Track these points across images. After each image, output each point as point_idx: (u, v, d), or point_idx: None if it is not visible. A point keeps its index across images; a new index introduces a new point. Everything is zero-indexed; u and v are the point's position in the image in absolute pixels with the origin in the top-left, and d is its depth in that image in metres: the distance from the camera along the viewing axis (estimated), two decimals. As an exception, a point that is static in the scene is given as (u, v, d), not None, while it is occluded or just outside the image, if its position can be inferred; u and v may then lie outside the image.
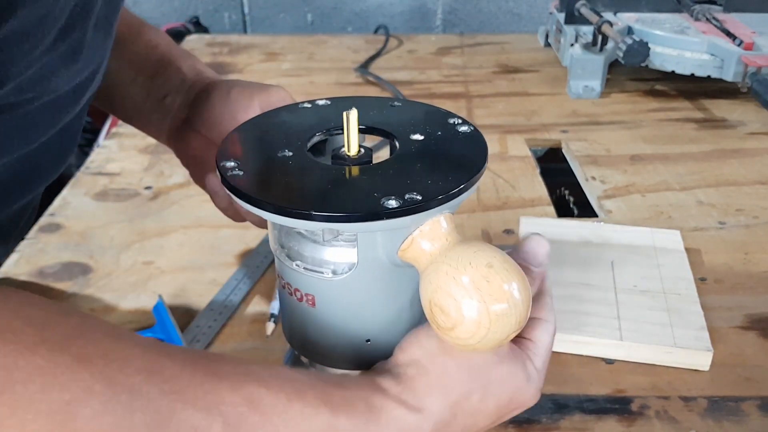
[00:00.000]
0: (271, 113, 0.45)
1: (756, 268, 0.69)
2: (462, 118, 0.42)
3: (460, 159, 0.38)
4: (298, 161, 0.38)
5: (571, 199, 0.92)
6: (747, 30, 1.07)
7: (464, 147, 0.39)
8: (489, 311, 0.32)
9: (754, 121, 1.03)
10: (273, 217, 0.34)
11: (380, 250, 0.36)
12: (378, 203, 0.33)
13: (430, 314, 0.34)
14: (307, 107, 0.45)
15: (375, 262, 0.36)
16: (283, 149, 0.39)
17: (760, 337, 0.60)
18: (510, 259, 0.34)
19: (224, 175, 0.36)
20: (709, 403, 0.53)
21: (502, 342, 0.34)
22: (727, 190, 0.84)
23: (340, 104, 0.45)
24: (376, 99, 0.47)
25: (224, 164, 0.37)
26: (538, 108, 1.08)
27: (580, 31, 1.14)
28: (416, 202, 0.34)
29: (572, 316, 0.59)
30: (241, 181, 0.36)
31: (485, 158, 0.38)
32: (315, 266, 0.37)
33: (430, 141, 0.40)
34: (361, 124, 0.38)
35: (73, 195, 0.85)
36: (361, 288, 0.37)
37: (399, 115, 0.43)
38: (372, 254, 0.36)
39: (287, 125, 0.43)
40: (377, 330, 0.39)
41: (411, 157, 0.38)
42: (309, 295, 0.38)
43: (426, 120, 0.43)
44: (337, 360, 0.40)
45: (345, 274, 0.37)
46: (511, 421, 0.52)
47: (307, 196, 0.35)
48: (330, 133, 0.42)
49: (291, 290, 0.39)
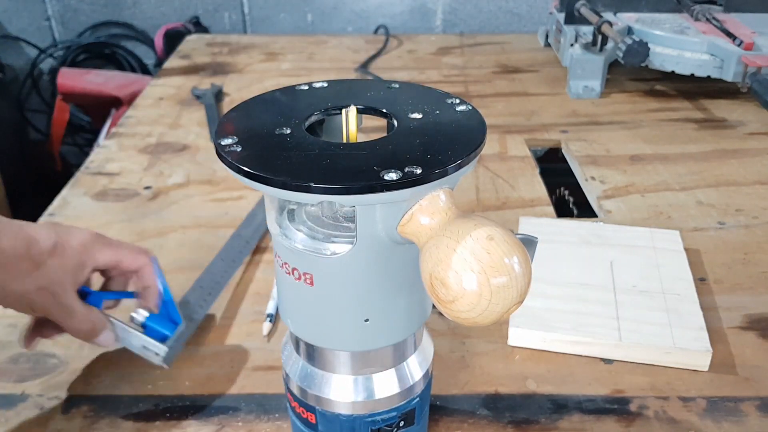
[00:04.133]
0: (267, 95, 0.45)
1: (755, 268, 0.69)
2: (460, 98, 0.43)
3: (459, 135, 0.38)
4: (296, 138, 0.38)
5: (570, 199, 0.92)
6: (747, 30, 1.07)
7: (463, 124, 0.40)
8: (490, 283, 0.32)
9: (753, 122, 1.03)
10: (272, 191, 0.34)
11: (379, 225, 0.36)
12: (377, 176, 0.33)
13: (431, 288, 0.34)
14: (304, 89, 0.45)
15: (374, 239, 0.36)
16: (281, 127, 0.39)
17: (759, 338, 0.60)
18: (510, 233, 0.34)
19: (222, 151, 0.36)
20: (708, 404, 0.53)
21: (502, 315, 0.34)
22: (727, 191, 0.84)
23: (337, 86, 0.45)
24: (373, 81, 0.47)
25: (221, 141, 0.37)
26: (537, 108, 1.08)
27: (580, 31, 1.14)
28: (415, 176, 0.34)
29: (571, 316, 0.59)
30: (239, 156, 0.36)
31: (484, 134, 0.38)
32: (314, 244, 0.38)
33: (428, 119, 0.40)
34: (359, 104, 0.38)
35: (72, 195, 0.85)
36: (360, 266, 0.37)
37: (397, 96, 0.44)
38: (371, 230, 0.36)
39: (285, 105, 0.43)
40: (376, 309, 0.39)
41: (410, 134, 0.39)
42: (307, 274, 0.38)
43: (424, 100, 0.43)
44: (335, 340, 0.40)
45: (344, 252, 0.37)
46: (510, 421, 0.52)
47: (305, 170, 0.35)
48: (327, 113, 0.42)
49: (289, 269, 0.39)
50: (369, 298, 0.39)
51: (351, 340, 0.40)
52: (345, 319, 0.39)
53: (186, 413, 0.53)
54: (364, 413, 0.41)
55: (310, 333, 0.41)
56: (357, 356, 0.41)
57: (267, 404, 0.54)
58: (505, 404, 0.54)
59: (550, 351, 0.58)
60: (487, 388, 0.55)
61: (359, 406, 0.41)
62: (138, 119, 1.08)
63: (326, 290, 0.38)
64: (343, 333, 0.40)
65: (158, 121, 1.07)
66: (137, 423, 0.52)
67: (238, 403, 0.54)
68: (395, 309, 0.40)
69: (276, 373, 0.57)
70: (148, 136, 1.01)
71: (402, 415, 0.43)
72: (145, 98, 1.16)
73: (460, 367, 0.57)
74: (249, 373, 0.57)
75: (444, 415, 0.53)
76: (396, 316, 0.39)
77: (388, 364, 0.42)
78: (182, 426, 0.52)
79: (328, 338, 0.40)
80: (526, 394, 0.54)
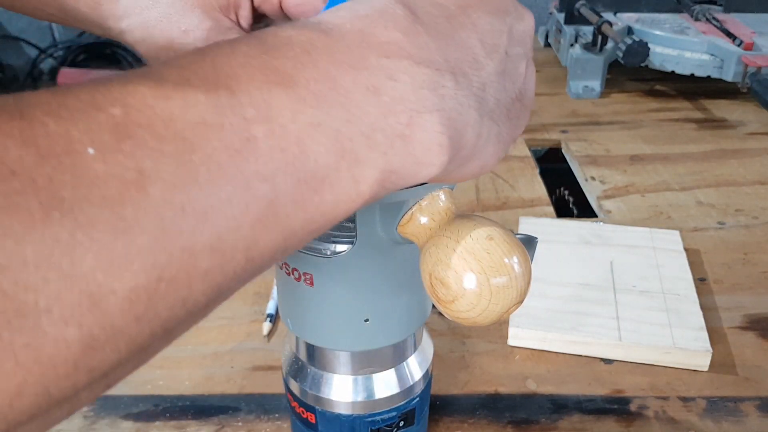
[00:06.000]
0: None
1: (755, 268, 0.69)
2: None
3: None
4: None
5: (570, 199, 0.92)
6: (747, 30, 1.07)
7: None
8: (489, 283, 0.32)
9: (753, 122, 1.03)
10: None
11: (379, 225, 0.36)
12: None
13: (430, 288, 0.34)
14: None
15: (374, 239, 0.37)
16: None
17: (759, 338, 0.60)
18: (510, 233, 0.34)
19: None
20: (708, 404, 0.53)
21: (502, 315, 0.34)
22: (727, 191, 0.84)
23: None
24: None
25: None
26: (537, 108, 1.08)
27: (579, 31, 1.14)
28: None
29: (571, 316, 0.59)
30: None
31: None
32: (313, 244, 0.38)
33: None
34: None
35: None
36: (360, 266, 0.38)
37: None
38: (371, 230, 0.36)
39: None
40: (376, 309, 0.39)
41: None
42: (307, 274, 0.38)
43: None
44: (335, 340, 0.40)
45: (343, 252, 0.37)
46: (510, 421, 0.52)
47: None
48: None
49: (289, 269, 0.39)
50: (369, 298, 0.39)
51: (351, 340, 0.40)
52: (345, 319, 0.39)
53: (186, 413, 0.53)
54: (363, 413, 0.41)
55: (310, 333, 0.41)
56: (357, 356, 0.41)
57: (267, 404, 0.54)
58: (504, 404, 0.54)
59: (550, 351, 0.58)
60: (487, 388, 0.55)
61: (359, 406, 0.41)
62: (138, 119, 1.07)
63: (326, 290, 0.38)
64: (342, 333, 0.40)
65: (158, 121, 1.06)
66: (137, 423, 0.52)
67: (238, 403, 0.54)
68: (395, 309, 0.40)
69: (276, 373, 0.56)
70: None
71: (402, 415, 0.43)
72: (144, 98, 1.16)
73: (460, 367, 0.57)
74: (249, 373, 0.57)
75: (444, 415, 0.53)
76: (396, 316, 0.39)
77: (388, 364, 0.42)
78: (182, 426, 0.52)
79: (328, 338, 0.40)
80: (526, 394, 0.54)
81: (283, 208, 0.21)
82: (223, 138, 0.20)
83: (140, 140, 0.18)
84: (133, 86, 0.19)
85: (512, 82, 0.30)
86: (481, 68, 0.28)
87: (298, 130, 0.22)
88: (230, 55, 0.22)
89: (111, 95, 0.19)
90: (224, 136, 0.20)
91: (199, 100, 0.20)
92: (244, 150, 0.20)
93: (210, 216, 0.19)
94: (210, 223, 0.19)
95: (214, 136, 0.20)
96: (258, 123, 0.21)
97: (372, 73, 0.24)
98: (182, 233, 0.19)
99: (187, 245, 0.19)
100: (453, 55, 0.27)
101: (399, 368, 0.42)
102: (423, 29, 0.26)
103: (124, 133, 0.18)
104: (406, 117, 0.24)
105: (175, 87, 0.20)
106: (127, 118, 0.18)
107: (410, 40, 0.25)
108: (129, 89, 0.19)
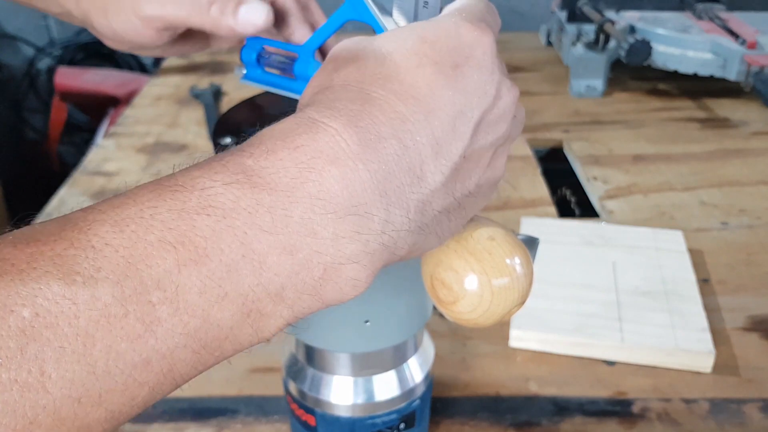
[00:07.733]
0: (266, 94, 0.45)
1: (759, 269, 0.69)
2: None
3: None
4: None
5: (572, 199, 0.91)
6: (750, 29, 1.06)
7: None
8: (491, 284, 0.32)
9: (757, 121, 1.02)
10: None
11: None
12: None
13: (432, 289, 0.34)
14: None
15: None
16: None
17: (762, 339, 0.59)
18: (512, 233, 0.34)
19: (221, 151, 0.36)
20: (711, 405, 0.53)
21: (504, 316, 0.34)
22: (730, 191, 0.83)
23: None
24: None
25: (220, 140, 0.37)
26: (539, 107, 1.08)
27: (582, 29, 1.14)
28: None
29: (573, 317, 0.59)
30: None
31: None
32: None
33: None
34: None
35: (69, 195, 0.84)
36: None
37: None
38: None
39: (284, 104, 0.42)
40: (376, 311, 0.39)
41: None
42: None
43: None
44: (335, 341, 0.40)
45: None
46: (511, 424, 0.51)
47: None
48: None
49: None
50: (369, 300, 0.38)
51: (351, 342, 0.40)
52: (345, 321, 0.39)
53: (185, 415, 0.52)
54: (364, 415, 0.41)
55: (309, 334, 0.40)
56: (357, 358, 0.40)
57: (266, 406, 0.53)
58: (506, 406, 0.53)
59: (551, 352, 0.58)
60: (489, 390, 0.55)
61: (359, 408, 0.41)
62: (136, 119, 1.07)
63: None
64: (343, 334, 0.39)
65: (156, 120, 1.06)
66: (135, 425, 0.52)
67: (237, 405, 0.53)
68: (395, 310, 0.39)
69: (275, 375, 0.56)
70: (146, 135, 1.01)
71: (402, 417, 0.42)
72: (143, 97, 1.16)
73: (461, 369, 0.57)
74: (248, 374, 0.56)
75: (445, 417, 0.52)
76: (396, 318, 0.39)
77: (388, 366, 0.41)
78: (180, 428, 0.51)
79: (328, 340, 0.40)
80: (528, 396, 0.54)
81: (180, 370, 0.22)
82: (126, 326, 0.21)
83: (44, 342, 0.19)
84: (46, 282, 0.20)
85: (468, 177, 0.29)
86: (424, 185, 0.26)
87: (204, 303, 0.22)
88: (148, 230, 0.22)
89: (24, 293, 0.20)
90: (127, 323, 0.21)
91: (106, 293, 0.20)
92: (146, 333, 0.21)
93: (104, 399, 0.21)
94: (104, 407, 0.21)
95: (117, 326, 0.21)
96: (163, 304, 0.21)
97: (291, 234, 0.23)
98: (77, 418, 0.20)
99: (83, 425, 0.21)
100: (394, 184, 0.25)
101: (399, 370, 0.42)
102: (363, 166, 0.24)
103: (30, 336, 0.19)
104: (321, 270, 0.24)
105: (84, 283, 0.20)
106: (35, 320, 0.19)
107: (344, 187, 0.24)
108: (42, 284, 0.20)
